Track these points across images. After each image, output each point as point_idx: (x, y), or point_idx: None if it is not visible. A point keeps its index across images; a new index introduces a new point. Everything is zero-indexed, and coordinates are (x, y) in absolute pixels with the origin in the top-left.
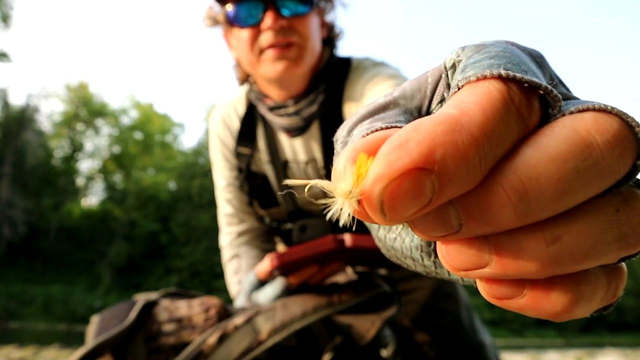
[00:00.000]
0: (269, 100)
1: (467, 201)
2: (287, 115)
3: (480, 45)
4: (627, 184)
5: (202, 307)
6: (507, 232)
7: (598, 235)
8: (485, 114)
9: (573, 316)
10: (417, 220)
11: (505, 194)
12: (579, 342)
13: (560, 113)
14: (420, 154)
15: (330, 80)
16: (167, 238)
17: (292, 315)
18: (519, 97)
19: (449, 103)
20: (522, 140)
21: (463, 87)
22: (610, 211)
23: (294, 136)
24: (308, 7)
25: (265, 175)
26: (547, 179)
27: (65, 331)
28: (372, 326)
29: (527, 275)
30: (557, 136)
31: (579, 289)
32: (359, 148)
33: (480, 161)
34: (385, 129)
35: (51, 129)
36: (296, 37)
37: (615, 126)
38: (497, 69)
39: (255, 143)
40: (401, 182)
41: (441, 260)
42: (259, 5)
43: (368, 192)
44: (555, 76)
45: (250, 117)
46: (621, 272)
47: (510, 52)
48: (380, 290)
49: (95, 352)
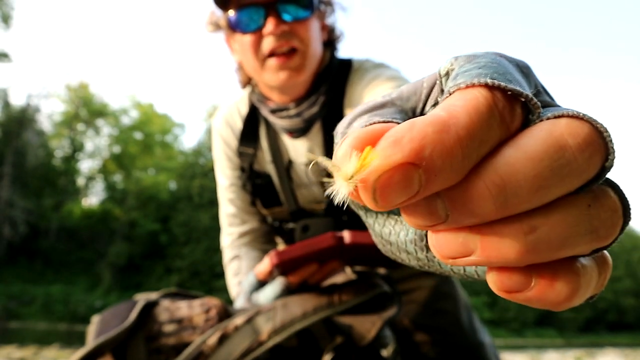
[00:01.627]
0: (270, 102)
1: (453, 194)
2: (289, 117)
3: (471, 55)
4: (598, 183)
5: (202, 308)
6: (489, 223)
7: (572, 228)
8: (471, 117)
9: (572, 305)
10: (409, 211)
11: (486, 188)
12: (578, 342)
13: (539, 119)
14: (411, 151)
15: (332, 82)
16: (167, 238)
17: (293, 316)
18: (502, 104)
19: (440, 106)
20: (504, 141)
21: (453, 93)
22: (583, 206)
23: (296, 137)
24: (309, 11)
25: (268, 175)
26: (524, 175)
27: (65, 331)
28: (372, 327)
29: (508, 262)
30: (534, 138)
31: (579, 280)
32: (361, 136)
33: (464, 159)
34: (383, 122)
35: (52, 129)
36: (297, 41)
37: (586, 130)
38: (484, 77)
39: (258, 143)
40: (393, 174)
41: (431, 249)
42: (260, 11)
43: (365, 180)
44: (540, 85)
45: (253, 117)
46: (608, 264)
47: (498, 63)
48: (380, 290)
49: (95, 353)
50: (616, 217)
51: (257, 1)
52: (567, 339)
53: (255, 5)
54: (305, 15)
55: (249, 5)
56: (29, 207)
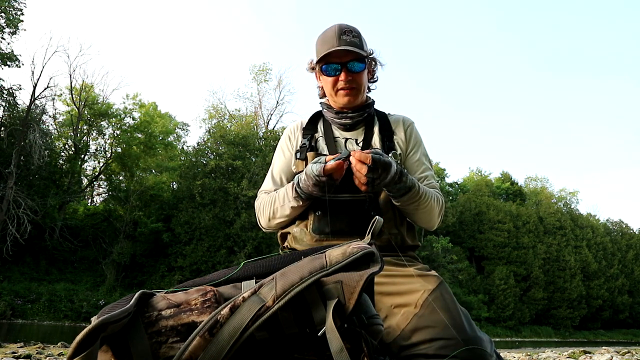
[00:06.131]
0: (332, 109)
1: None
2: (346, 117)
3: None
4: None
5: (199, 292)
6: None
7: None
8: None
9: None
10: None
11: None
12: (574, 339)
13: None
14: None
15: (370, 104)
16: (170, 237)
17: (292, 282)
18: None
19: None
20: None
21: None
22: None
23: (347, 130)
24: (364, 65)
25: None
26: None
27: (70, 328)
28: (360, 279)
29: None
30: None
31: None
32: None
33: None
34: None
35: (56, 130)
36: (356, 83)
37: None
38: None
39: (317, 128)
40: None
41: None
42: (338, 66)
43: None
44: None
45: (314, 117)
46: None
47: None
48: (366, 251)
49: (97, 331)
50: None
51: (337, 62)
52: (563, 337)
53: (335, 63)
54: (360, 68)
55: (332, 62)
56: (34, 207)
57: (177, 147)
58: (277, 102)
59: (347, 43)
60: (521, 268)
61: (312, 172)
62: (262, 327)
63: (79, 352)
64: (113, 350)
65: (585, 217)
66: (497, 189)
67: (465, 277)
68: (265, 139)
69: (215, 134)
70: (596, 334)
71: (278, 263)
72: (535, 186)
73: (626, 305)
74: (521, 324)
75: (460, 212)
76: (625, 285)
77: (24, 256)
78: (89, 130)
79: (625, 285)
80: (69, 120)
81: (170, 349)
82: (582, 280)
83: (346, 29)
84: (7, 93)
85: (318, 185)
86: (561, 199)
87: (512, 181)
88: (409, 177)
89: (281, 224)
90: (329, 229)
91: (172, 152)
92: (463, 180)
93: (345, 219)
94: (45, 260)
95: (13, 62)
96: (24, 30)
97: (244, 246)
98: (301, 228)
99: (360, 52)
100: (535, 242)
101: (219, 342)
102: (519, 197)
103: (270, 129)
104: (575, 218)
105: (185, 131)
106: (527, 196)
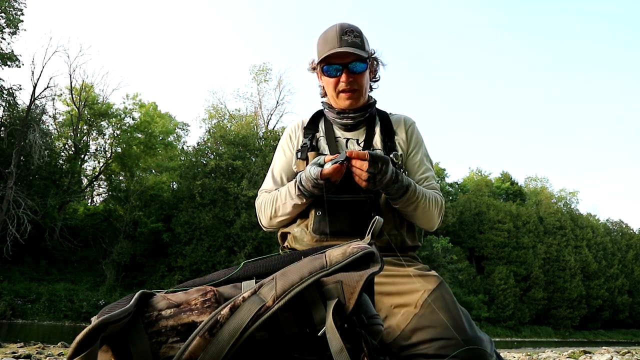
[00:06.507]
0: (333, 109)
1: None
2: (347, 117)
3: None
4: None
5: (199, 292)
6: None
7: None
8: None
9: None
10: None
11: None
12: (574, 339)
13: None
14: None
15: (371, 104)
16: (170, 237)
17: (292, 282)
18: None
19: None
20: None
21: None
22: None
23: (348, 130)
24: (365, 65)
25: (318, 142)
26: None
27: (70, 328)
28: (360, 279)
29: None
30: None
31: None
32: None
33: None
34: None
35: (56, 130)
36: (357, 84)
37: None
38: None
39: (318, 127)
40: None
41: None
42: (339, 67)
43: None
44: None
45: (315, 117)
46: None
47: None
48: (366, 251)
49: (97, 331)
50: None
51: (338, 62)
52: (563, 337)
53: (337, 63)
54: (362, 68)
55: (334, 63)
56: (34, 207)
57: (177, 147)
58: (277, 102)
59: (349, 44)
60: (521, 268)
61: (310, 175)
62: (262, 327)
63: (79, 352)
64: (113, 350)
65: (585, 217)
66: (497, 189)
67: (465, 277)
68: (265, 139)
69: (215, 134)
70: (596, 334)
71: (278, 263)
72: (535, 186)
73: (626, 305)
74: (521, 324)
75: (460, 212)
76: (625, 285)
77: (24, 256)
78: (89, 130)
79: (625, 285)
80: (69, 120)
81: (170, 349)
82: (582, 280)
83: (347, 28)
84: (7, 93)
85: (317, 187)
86: (561, 199)
87: (512, 181)
88: (404, 177)
89: (282, 223)
90: (329, 230)
91: (172, 152)
92: (463, 180)
93: (345, 219)
94: (45, 260)
95: (13, 62)
96: (24, 30)
97: (244, 246)
98: (302, 228)
99: (361, 53)
100: (535, 242)
101: (219, 342)
102: (519, 197)
103: (270, 129)
104: (575, 218)
105: (185, 131)
106: (527, 196)
